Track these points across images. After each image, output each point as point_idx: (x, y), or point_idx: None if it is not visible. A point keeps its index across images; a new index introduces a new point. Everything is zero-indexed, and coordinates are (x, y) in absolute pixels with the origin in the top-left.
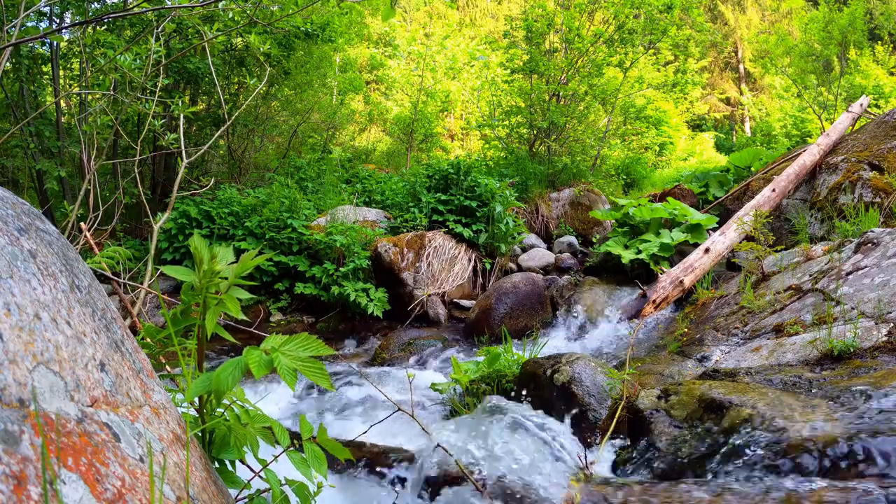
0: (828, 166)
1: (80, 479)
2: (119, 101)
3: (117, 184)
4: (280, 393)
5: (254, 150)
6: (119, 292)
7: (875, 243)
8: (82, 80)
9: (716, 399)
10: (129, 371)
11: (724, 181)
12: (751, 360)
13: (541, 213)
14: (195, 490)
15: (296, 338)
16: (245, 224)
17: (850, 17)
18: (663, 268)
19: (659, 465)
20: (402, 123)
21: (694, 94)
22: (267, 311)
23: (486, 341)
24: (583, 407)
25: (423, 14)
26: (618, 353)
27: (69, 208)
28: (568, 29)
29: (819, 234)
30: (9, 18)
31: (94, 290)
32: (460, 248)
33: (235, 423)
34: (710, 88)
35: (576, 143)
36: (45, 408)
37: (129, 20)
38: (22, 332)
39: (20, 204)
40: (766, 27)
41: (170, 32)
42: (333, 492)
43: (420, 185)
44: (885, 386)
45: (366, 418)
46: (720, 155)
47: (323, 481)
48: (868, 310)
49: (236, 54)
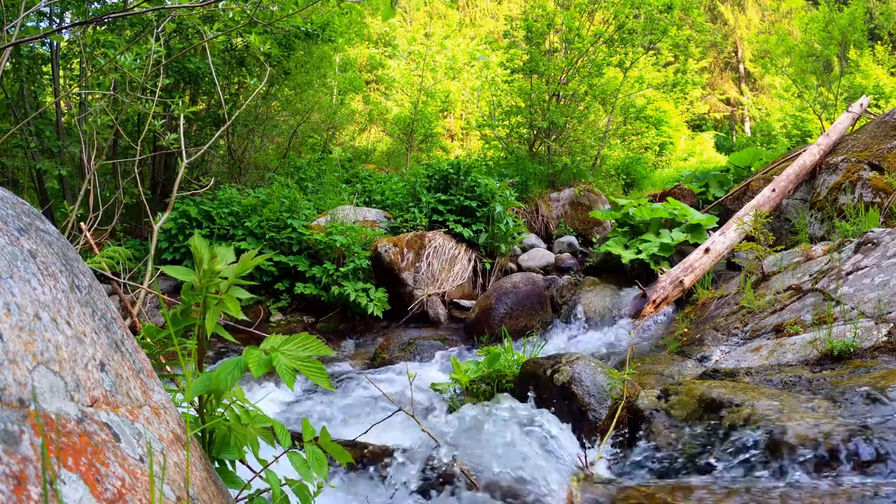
0: (828, 166)
1: (80, 479)
2: (119, 101)
3: (117, 184)
4: (280, 393)
5: (254, 150)
6: (119, 292)
7: (875, 243)
8: (82, 80)
9: (716, 399)
10: (129, 371)
11: (724, 181)
12: (751, 360)
13: (541, 213)
14: (195, 490)
15: (295, 338)
16: (245, 224)
17: (850, 17)
18: (663, 268)
19: (659, 464)
20: (402, 123)
21: (694, 94)
22: (267, 311)
23: (486, 341)
24: (583, 407)
25: (423, 14)
26: (618, 353)
27: (69, 208)
28: (568, 29)
29: (819, 234)
30: (9, 18)
31: (94, 290)
32: (460, 248)
33: (235, 423)
34: (710, 88)
35: (576, 143)
36: (45, 408)
37: (129, 20)
38: (22, 332)
39: (20, 204)
40: (766, 27)
41: (170, 32)
42: (334, 491)
43: (420, 185)
44: (886, 386)
45: (366, 418)
46: (720, 155)
47: (323, 482)
48: (868, 310)
49: (236, 54)
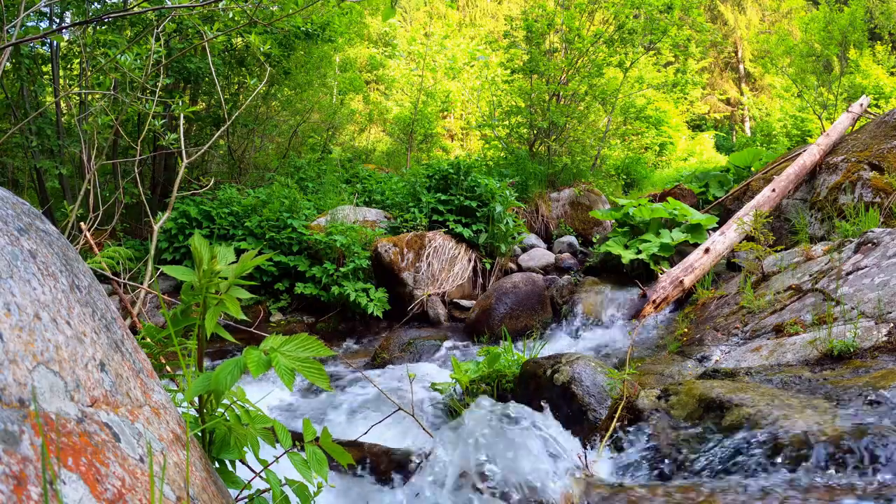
0: (828, 166)
1: (80, 479)
2: (119, 101)
3: (117, 184)
4: (280, 393)
5: (254, 150)
6: (119, 292)
7: (875, 243)
8: (82, 80)
9: (716, 399)
10: (129, 371)
11: (724, 181)
12: (751, 360)
13: (541, 213)
14: (195, 490)
15: (295, 338)
16: (245, 224)
17: (851, 17)
18: (663, 268)
19: (659, 464)
20: (402, 123)
21: (694, 95)
22: (267, 311)
23: (486, 341)
24: (583, 407)
25: (423, 14)
26: (618, 353)
27: (69, 208)
28: (568, 29)
29: (819, 234)
30: (9, 18)
31: (94, 290)
32: (460, 248)
33: (235, 423)
34: (711, 88)
35: (576, 143)
36: (45, 408)
37: (130, 20)
38: (22, 332)
39: (20, 204)
40: (766, 27)
41: (170, 32)
42: (334, 491)
43: (420, 185)
44: (886, 386)
45: (366, 418)
46: (720, 155)
47: (323, 482)
48: (868, 310)
49: (236, 54)
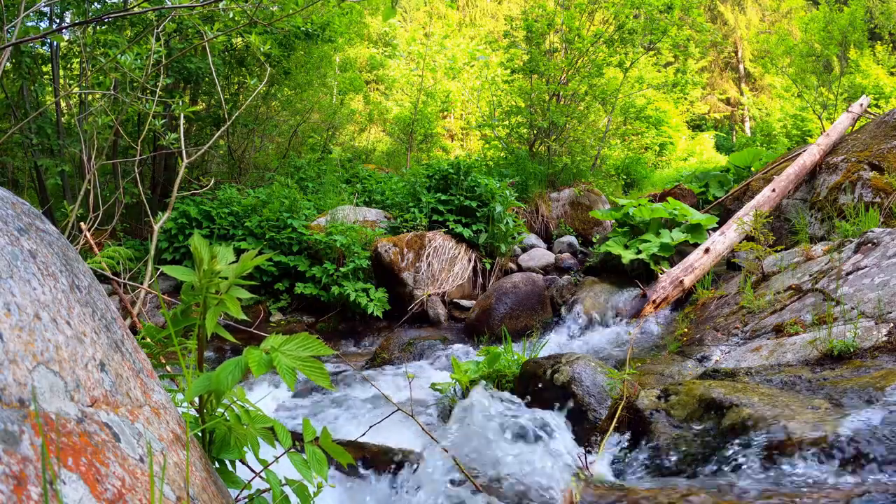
0: (828, 166)
1: (80, 479)
2: (119, 100)
3: (117, 184)
4: (280, 393)
5: (254, 150)
6: (119, 292)
7: (875, 243)
8: (82, 79)
9: (716, 399)
10: (130, 371)
11: (724, 181)
12: (751, 360)
13: (541, 213)
14: (195, 490)
15: (295, 338)
16: (245, 224)
17: (851, 17)
18: (663, 268)
19: (659, 464)
20: (402, 123)
21: (694, 95)
22: (267, 311)
23: (486, 341)
24: (583, 407)
25: (423, 14)
26: (618, 353)
27: (69, 208)
28: (568, 29)
29: (819, 234)
30: (9, 18)
31: (94, 290)
32: (460, 248)
33: (235, 423)
34: (710, 88)
35: (576, 143)
36: (45, 408)
37: (130, 20)
38: (22, 332)
39: (20, 204)
40: (766, 27)
41: (170, 32)
42: (333, 491)
43: (420, 185)
44: (886, 386)
45: (366, 418)
46: (720, 155)
47: (323, 482)
48: (868, 310)
49: (236, 54)
